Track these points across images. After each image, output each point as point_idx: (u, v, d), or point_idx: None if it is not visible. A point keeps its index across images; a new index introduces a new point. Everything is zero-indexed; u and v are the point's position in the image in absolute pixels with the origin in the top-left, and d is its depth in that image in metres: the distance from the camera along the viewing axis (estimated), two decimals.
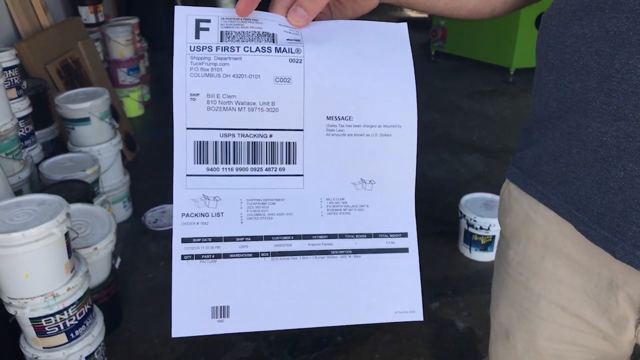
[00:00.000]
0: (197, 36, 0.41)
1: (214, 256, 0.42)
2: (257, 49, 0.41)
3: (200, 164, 0.42)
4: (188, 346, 1.52)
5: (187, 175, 0.42)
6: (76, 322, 1.19)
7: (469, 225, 1.88)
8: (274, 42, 0.42)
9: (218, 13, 0.43)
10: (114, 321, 1.57)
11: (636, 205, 0.44)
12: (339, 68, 0.43)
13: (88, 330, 1.23)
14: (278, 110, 0.42)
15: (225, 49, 0.41)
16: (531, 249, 0.57)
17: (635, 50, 0.41)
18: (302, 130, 0.43)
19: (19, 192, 1.54)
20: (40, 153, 1.86)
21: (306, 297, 0.43)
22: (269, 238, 0.43)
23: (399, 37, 0.45)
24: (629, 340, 0.53)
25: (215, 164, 0.42)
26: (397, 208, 0.45)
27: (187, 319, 0.41)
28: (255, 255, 0.43)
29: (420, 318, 0.44)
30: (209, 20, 0.42)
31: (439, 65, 4.35)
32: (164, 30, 4.11)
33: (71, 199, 1.30)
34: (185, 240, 0.42)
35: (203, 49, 0.41)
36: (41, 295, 1.11)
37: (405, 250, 0.45)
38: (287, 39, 0.42)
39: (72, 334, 1.19)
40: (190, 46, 0.41)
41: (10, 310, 1.12)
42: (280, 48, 0.42)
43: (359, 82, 0.43)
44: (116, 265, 1.61)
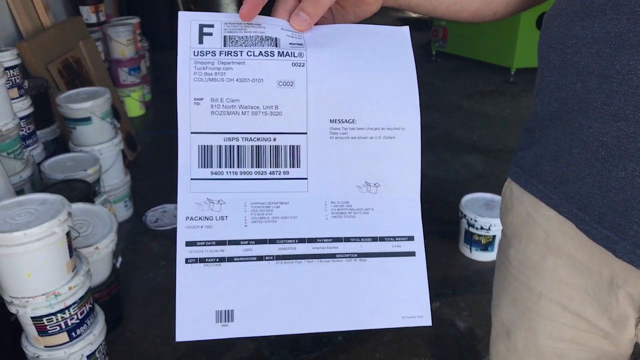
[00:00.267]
0: (201, 41, 0.42)
1: (218, 260, 0.42)
2: (260, 53, 0.42)
3: (204, 167, 0.42)
4: (189, 345, 1.52)
5: (192, 179, 0.42)
6: (77, 321, 1.19)
7: (470, 225, 1.88)
8: (276, 47, 0.42)
9: (221, 18, 0.43)
10: (115, 320, 1.57)
11: (637, 204, 0.44)
12: (342, 71, 0.43)
13: (89, 329, 1.23)
14: (281, 114, 0.42)
15: (228, 53, 0.41)
16: (532, 248, 0.57)
17: (636, 52, 0.41)
18: (306, 133, 0.43)
19: (20, 192, 1.55)
20: (41, 152, 1.87)
21: (311, 301, 0.42)
22: (273, 241, 0.42)
23: (401, 41, 0.46)
24: (629, 339, 0.54)
25: (220, 167, 0.42)
26: (403, 211, 0.45)
27: (191, 323, 0.41)
28: (260, 258, 0.42)
29: (428, 323, 0.43)
30: (212, 25, 0.42)
31: (440, 65, 4.34)
32: (165, 30, 4.12)
33: (72, 199, 1.30)
34: (189, 244, 0.41)
35: (206, 53, 0.41)
36: (43, 294, 1.11)
37: (412, 253, 0.44)
38: (290, 43, 0.43)
39: (74, 333, 1.19)
40: (194, 51, 0.41)
41: (12, 309, 1.12)
42: (283, 52, 0.42)
43: (362, 85, 0.43)
44: (117, 265, 1.61)
